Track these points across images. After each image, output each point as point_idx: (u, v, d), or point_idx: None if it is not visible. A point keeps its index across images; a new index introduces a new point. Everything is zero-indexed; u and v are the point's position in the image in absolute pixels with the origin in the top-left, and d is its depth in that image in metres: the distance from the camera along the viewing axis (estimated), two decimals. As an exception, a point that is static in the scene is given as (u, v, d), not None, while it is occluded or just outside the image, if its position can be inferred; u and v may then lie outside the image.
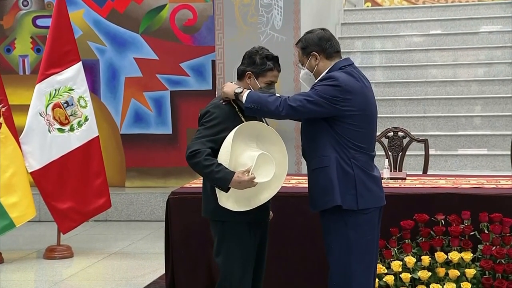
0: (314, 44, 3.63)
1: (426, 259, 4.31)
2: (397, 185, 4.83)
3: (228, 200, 3.53)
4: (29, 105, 6.34)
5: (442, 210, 4.38)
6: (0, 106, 6.13)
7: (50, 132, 6.34)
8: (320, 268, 4.07)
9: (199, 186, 3.84)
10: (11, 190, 6.07)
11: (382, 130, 6.05)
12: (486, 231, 4.32)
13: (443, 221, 4.36)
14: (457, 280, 4.28)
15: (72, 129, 6.46)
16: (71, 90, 6.48)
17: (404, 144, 5.91)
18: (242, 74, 3.71)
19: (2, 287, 5.52)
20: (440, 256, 4.31)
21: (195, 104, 8.07)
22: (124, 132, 8.53)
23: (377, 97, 4.12)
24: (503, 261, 4.27)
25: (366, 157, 3.57)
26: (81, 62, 6.58)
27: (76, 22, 8.08)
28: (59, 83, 6.42)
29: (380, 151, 5.10)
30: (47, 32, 6.61)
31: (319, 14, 8.47)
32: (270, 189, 3.60)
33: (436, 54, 9.23)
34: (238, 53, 4.10)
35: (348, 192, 3.49)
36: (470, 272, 4.26)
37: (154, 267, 5.94)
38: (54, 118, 6.37)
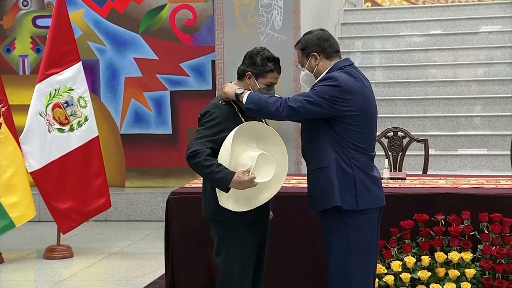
0: (314, 44, 3.63)
1: (426, 259, 4.31)
2: (397, 185, 4.83)
3: (228, 200, 3.53)
4: (29, 105, 6.34)
5: (442, 210, 4.38)
6: (0, 106, 6.13)
7: (50, 132, 6.34)
8: (320, 268, 4.06)
9: (199, 186, 3.84)
10: (11, 190, 6.07)
11: (382, 130, 6.05)
12: (486, 231, 4.32)
13: (443, 221, 4.36)
14: (457, 280, 4.28)
15: (72, 129, 6.46)
16: (71, 90, 6.48)
17: (404, 144, 5.91)
18: (242, 74, 3.71)
19: (2, 287, 5.52)
20: (440, 256, 4.31)
21: (195, 104, 8.07)
22: (124, 132, 8.53)
23: (377, 97, 4.12)
24: (503, 261, 4.27)
25: (366, 157, 3.56)
26: (81, 62, 6.57)
27: (76, 22, 8.08)
28: (59, 83, 6.42)
29: (380, 151, 5.09)
30: (47, 32, 6.61)
31: (319, 14, 8.47)
32: (270, 189, 3.60)
33: (436, 54, 9.23)
34: (238, 53, 4.10)
35: (348, 193, 3.49)
36: (470, 272, 4.26)
37: (154, 267, 5.94)
38: (54, 118, 6.37)
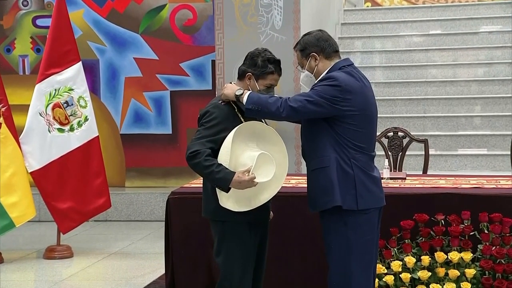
0: (313, 45, 3.63)
1: (426, 259, 4.31)
2: (397, 185, 4.83)
3: (228, 200, 3.53)
4: (29, 105, 6.34)
5: (442, 210, 4.38)
6: (0, 106, 6.13)
7: (50, 132, 6.34)
8: (320, 268, 4.07)
9: (199, 186, 3.84)
10: (11, 190, 6.07)
11: (382, 130, 6.05)
12: (486, 231, 4.32)
13: (443, 221, 4.35)
14: (457, 280, 4.28)
15: (72, 129, 6.46)
16: (71, 90, 6.48)
17: (404, 144, 5.91)
18: (242, 74, 3.71)
19: (2, 287, 5.52)
20: (440, 256, 4.31)
21: (195, 104, 8.07)
22: (124, 132, 8.53)
23: (377, 97, 4.12)
24: (503, 261, 4.27)
25: (366, 157, 3.56)
26: (81, 62, 6.57)
27: (76, 22, 8.08)
28: (59, 83, 6.42)
29: (380, 151, 5.09)
30: (47, 32, 6.61)
31: (319, 14, 8.47)
32: (271, 189, 3.60)
33: (436, 54, 9.23)
34: (238, 53, 4.10)
35: (348, 193, 3.49)
36: (470, 272, 4.26)
37: (154, 267, 5.94)
38: (54, 118, 6.37)
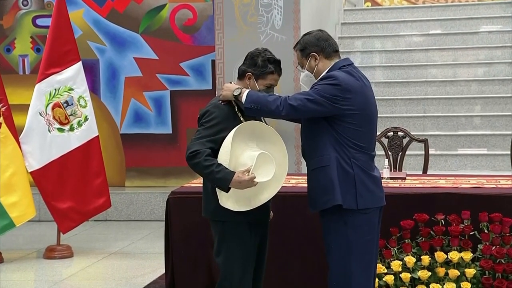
0: (313, 45, 3.63)
1: (426, 259, 4.31)
2: (397, 185, 4.83)
3: (228, 200, 3.53)
4: (29, 105, 6.33)
5: (442, 210, 4.38)
6: (0, 105, 6.13)
7: (50, 131, 6.34)
8: (320, 268, 4.07)
9: (199, 186, 3.84)
10: (11, 190, 6.07)
11: (382, 130, 6.05)
12: (486, 231, 4.32)
13: (443, 221, 4.35)
14: (457, 280, 4.27)
15: (72, 128, 6.46)
16: (71, 89, 6.48)
17: (404, 144, 5.91)
18: (242, 74, 3.70)
19: (2, 287, 5.52)
20: (440, 256, 4.30)
21: (195, 104, 8.07)
22: (124, 132, 8.53)
23: (377, 97, 4.12)
24: (503, 261, 4.27)
25: (366, 156, 3.56)
26: (81, 61, 6.57)
27: (76, 22, 8.08)
28: (59, 82, 6.42)
29: (380, 151, 5.09)
30: (47, 32, 6.61)
31: (319, 14, 8.47)
32: (270, 189, 3.59)
33: (436, 54, 9.23)
34: (238, 53, 4.10)
35: (348, 192, 3.49)
36: (470, 272, 4.26)
37: (154, 267, 5.93)
38: (54, 117, 6.37)
